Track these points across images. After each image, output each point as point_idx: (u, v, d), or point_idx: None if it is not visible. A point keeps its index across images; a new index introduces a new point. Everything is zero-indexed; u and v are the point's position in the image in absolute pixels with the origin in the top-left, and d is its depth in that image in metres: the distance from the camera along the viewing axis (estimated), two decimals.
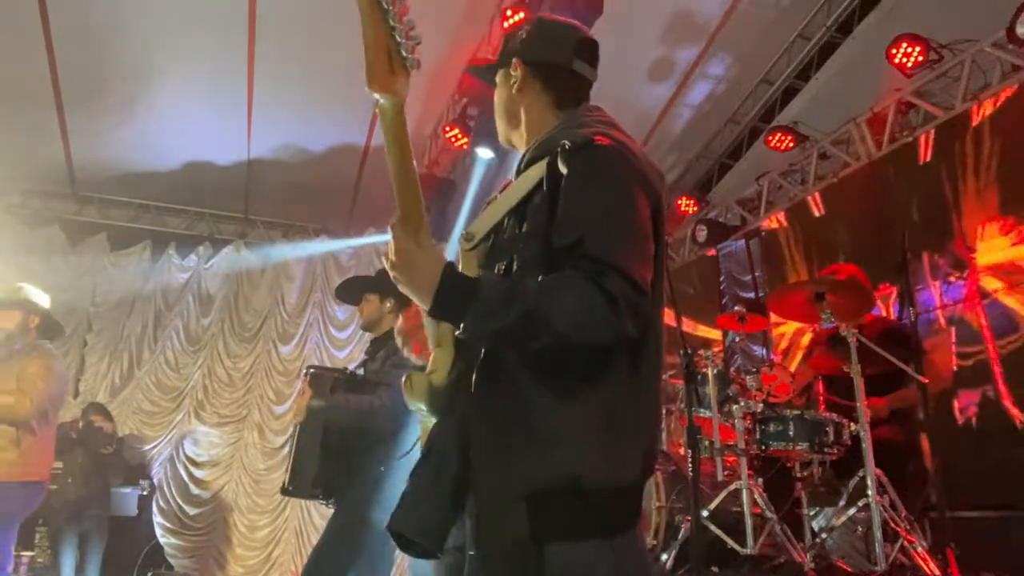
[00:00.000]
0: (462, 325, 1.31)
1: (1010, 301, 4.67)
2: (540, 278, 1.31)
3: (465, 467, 1.35)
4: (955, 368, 4.94)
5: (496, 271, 1.45)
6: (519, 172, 1.55)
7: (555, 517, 1.29)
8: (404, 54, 1.35)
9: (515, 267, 1.42)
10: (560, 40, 1.66)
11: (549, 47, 1.65)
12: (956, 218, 5.11)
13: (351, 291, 3.68)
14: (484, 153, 5.83)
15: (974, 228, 4.98)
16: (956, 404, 4.87)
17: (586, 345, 1.29)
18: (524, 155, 1.59)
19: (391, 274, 1.36)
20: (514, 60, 1.65)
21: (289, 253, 8.07)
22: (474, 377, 1.39)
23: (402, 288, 1.37)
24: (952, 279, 5.10)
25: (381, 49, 1.33)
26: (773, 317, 5.96)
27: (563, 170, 1.39)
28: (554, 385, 1.33)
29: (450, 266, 1.33)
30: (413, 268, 1.33)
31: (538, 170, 1.46)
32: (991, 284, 4.82)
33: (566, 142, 1.41)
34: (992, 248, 4.84)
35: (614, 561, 1.31)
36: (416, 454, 1.47)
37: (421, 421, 1.54)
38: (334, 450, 3.20)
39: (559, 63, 1.63)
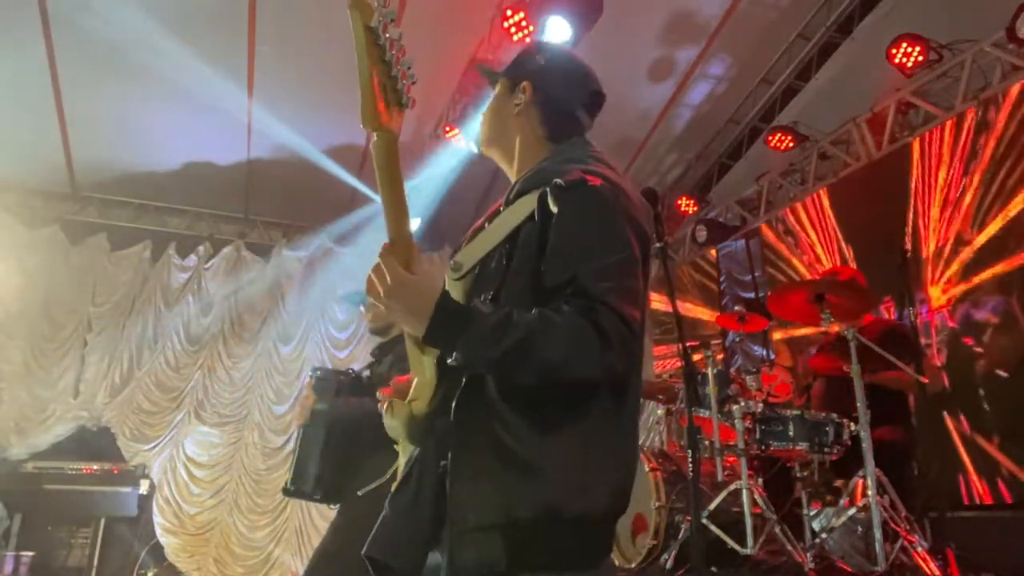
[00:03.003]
0: (455, 353, 1.30)
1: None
2: (534, 310, 1.30)
3: (442, 493, 1.34)
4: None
5: (482, 301, 1.43)
6: (508, 202, 1.53)
7: (529, 547, 1.28)
8: (400, 92, 1.37)
9: (501, 299, 1.40)
10: (575, 83, 1.66)
11: (562, 85, 1.65)
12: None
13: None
14: (470, 146, 5.82)
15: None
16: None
17: (573, 380, 1.29)
18: (514, 185, 1.56)
19: (384, 301, 1.33)
20: (525, 82, 1.64)
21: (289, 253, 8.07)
22: (454, 404, 1.38)
23: (393, 315, 1.36)
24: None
25: (376, 87, 1.33)
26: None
27: (554, 208, 1.39)
28: (535, 415, 1.32)
29: (445, 294, 1.33)
30: (408, 296, 1.32)
31: (528, 203, 1.44)
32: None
33: (559, 180, 1.39)
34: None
35: None
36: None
37: (398, 446, 1.52)
38: (337, 453, 3.19)
39: (565, 106, 1.63)
